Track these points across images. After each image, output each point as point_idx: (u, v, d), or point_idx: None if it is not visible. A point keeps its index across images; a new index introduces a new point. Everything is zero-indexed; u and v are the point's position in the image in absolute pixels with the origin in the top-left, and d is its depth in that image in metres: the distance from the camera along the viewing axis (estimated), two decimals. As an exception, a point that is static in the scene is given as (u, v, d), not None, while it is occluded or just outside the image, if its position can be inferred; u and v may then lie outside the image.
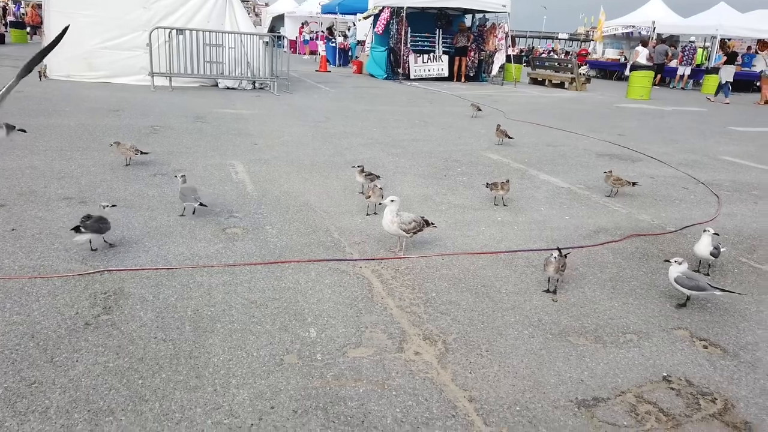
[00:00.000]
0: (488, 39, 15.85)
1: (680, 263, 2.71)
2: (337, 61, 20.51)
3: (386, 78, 15.51)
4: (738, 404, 2.00)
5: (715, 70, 19.07)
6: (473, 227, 3.73)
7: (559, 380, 2.07)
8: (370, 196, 3.73)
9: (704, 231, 3.13)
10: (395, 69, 15.41)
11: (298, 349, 2.15)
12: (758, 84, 18.00)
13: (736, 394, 2.07)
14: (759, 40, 18.10)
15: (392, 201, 3.03)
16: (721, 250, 3.16)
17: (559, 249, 2.80)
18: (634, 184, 4.59)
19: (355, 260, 3.04)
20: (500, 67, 15.84)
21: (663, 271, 3.15)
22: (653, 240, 3.69)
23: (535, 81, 17.41)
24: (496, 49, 15.58)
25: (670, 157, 6.56)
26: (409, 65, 15.30)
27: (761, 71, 16.23)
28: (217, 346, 2.13)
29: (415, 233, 3.10)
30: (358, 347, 2.18)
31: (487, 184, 4.25)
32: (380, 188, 3.73)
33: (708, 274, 3.16)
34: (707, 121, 10.78)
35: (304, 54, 25.82)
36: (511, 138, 6.75)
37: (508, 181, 4.17)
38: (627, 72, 17.61)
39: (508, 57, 16.06)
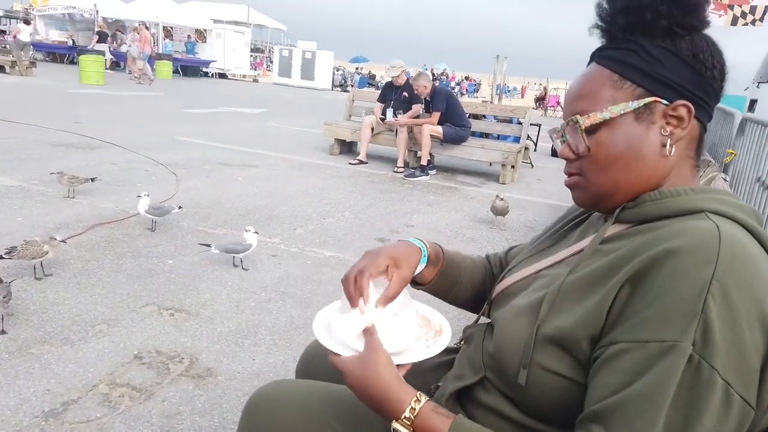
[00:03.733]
0: None
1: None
2: None
3: None
4: (201, 356, 2.28)
5: (168, 56, 20.50)
6: None
7: (21, 400, 1.87)
8: None
9: (139, 196, 3.65)
10: None
11: None
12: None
13: (199, 347, 2.34)
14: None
15: None
16: (175, 209, 3.75)
17: None
18: (93, 180, 4.34)
19: None
20: None
21: (129, 255, 3.24)
22: (118, 226, 3.73)
23: (-35, 63, 14.60)
24: None
25: (131, 141, 6.70)
26: None
27: (127, 51, 17.80)
28: None
29: None
30: None
31: None
32: None
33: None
34: (164, 104, 11.51)
35: None
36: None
37: None
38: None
39: None
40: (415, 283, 1.11)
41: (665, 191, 0.79)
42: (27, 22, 18.68)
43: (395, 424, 0.77)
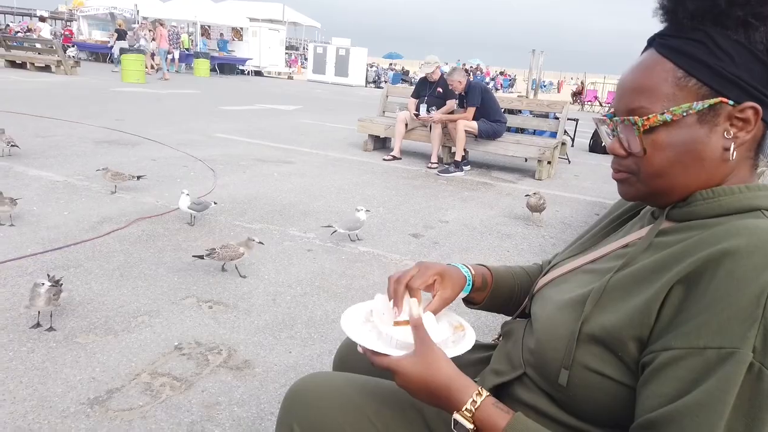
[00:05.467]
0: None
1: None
2: None
3: None
4: (239, 348, 2.32)
5: (205, 54, 20.84)
6: (-59, 245, 3.04)
7: (68, 387, 1.94)
8: None
9: (182, 193, 3.70)
10: None
11: None
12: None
13: (237, 339, 2.39)
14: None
15: None
16: (212, 204, 3.87)
17: (48, 275, 2.45)
18: (138, 177, 4.42)
19: None
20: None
21: (170, 249, 3.32)
22: (158, 220, 3.82)
23: (13, 64, 15.19)
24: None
25: (170, 138, 6.86)
26: None
27: (141, 47, 17.86)
28: None
29: None
30: None
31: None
32: None
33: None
34: (201, 102, 11.73)
35: None
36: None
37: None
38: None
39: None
40: (469, 302, 1.13)
41: (718, 189, 0.75)
42: (43, 20, 20.56)
43: (456, 415, 0.77)
